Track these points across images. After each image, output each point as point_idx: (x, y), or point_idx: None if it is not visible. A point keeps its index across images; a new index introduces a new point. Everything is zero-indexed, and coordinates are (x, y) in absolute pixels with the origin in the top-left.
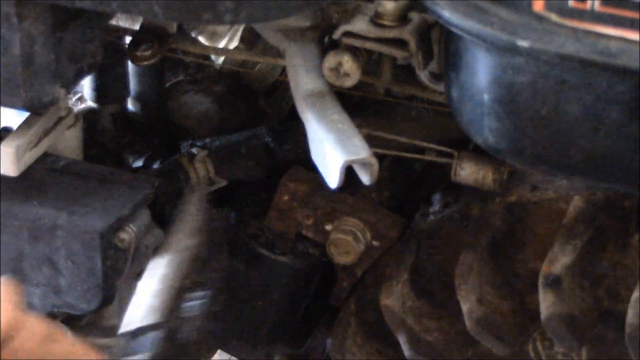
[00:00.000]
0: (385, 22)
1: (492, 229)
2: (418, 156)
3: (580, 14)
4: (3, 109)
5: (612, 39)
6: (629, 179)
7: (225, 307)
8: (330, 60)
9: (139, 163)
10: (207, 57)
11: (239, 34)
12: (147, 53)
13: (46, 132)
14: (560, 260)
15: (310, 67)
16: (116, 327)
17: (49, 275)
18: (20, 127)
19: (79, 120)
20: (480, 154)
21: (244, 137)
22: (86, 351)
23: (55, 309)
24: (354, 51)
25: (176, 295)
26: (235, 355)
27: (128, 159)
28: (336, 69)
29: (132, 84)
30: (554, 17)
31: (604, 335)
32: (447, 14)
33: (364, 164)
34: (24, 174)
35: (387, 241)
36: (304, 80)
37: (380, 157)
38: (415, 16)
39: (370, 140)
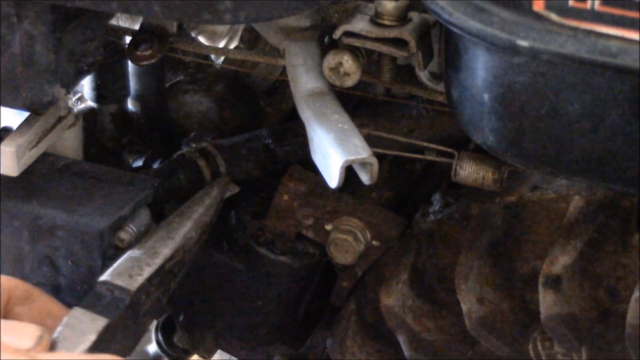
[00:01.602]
0: (386, 22)
1: (492, 229)
2: (418, 156)
3: (580, 14)
4: (3, 109)
5: (613, 38)
6: (629, 179)
7: (226, 307)
8: (330, 60)
9: (139, 163)
10: (207, 57)
11: (239, 34)
12: (147, 53)
13: (46, 132)
14: (560, 260)
15: (310, 67)
16: None
17: (49, 275)
18: (20, 127)
19: (78, 120)
20: (481, 154)
21: (245, 138)
22: None
23: None
24: (354, 51)
25: (154, 273)
26: (235, 355)
27: (128, 159)
28: (336, 69)
29: (132, 84)
30: (554, 16)
31: (604, 335)
32: (447, 14)
33: (364, 163)
34: (23, 173)
35: (387, 241)
36: (304, 80)
37: (380, 157)
38: (415, 16)
39: (370, 140)
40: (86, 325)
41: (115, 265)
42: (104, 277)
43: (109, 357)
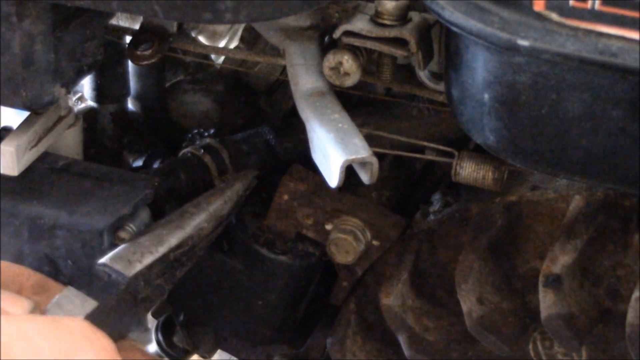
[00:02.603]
0: (386, 22)
1: (492, 229)
2: (418, 156)
3: (580, 13)
4: (3, 108)
5: (613, 38)
6: (629, 179)
7: (226, 307)
8: (331, 59)
9: (139, 163)
10: (207, 57)
11: (239, 33)
12: (147, 53)
13: (46, 132)
14: (560, 259)
15: (310, 67)
16: None
17: (49, 275)
18: (20, 126)
19: (78, 120)
20: (481, 153)
21: (246, 135)
22: None
23: None
24: (354, 50)
25: (157, 261)
26: (235, 355)
27: (128, 159)
28: (336, 69)
29: (132, 84)
30: (554, 16)
31: (604, 335)
32: (448, 13)
33: (364, 163)
34: (24, 173)
35: (387, 241)
36: (304, 80)
37: (380, 157)
38: (415, 15)
39: (371, 140)
40: (75, 306)
41: (118, 248)
42: (103, 260)
43: (72, 320)
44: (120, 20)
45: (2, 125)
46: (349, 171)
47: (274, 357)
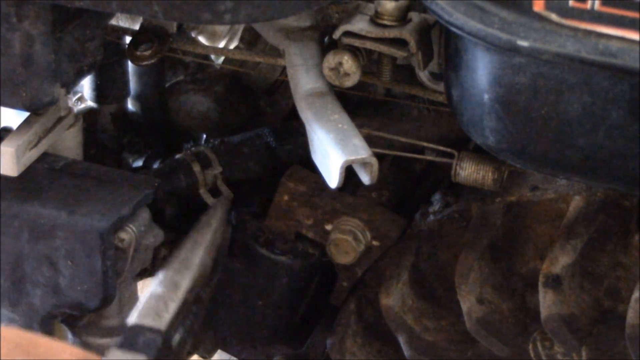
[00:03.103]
0: (386, 22)
1: (492, 229)
2: (418, 156)
3: (580, 14)
4: (3, 109)
5: (613, 38)
6: (629, 179)
7: (226, 307)
8: (330, 60)
9: (139, 163)
10: (207, 57)
11: (239, 34)
12: (147, 53)
13: (46, 132)
14: (560, 260)
15: (310, 67)
16: (116, 327)
17: (49, 275)
18: (20, 127)
19: (78, 120)
20: (481, 154)
21: (246, 137)
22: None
23: (55, 309)
24: (354, 51)
25: (179, 307)
26: (235, 355)
27: (128, 159)
28: (336, 69)
29: (132, 84)
30: (554, 17)
31: (604, 335)
32: (447, 14)
33: (363, 163)
34: (23, 173)
35: (387, 241)
36: (304, 80)
37: (380, 157)
38: (415, 16)
39: (370, 140)
40: None
41: (141, 305)
42: (133, 320)
43: None
44: (120, 20)
45: (2, 125)
46: (349, 172)
47: (274, 357)
